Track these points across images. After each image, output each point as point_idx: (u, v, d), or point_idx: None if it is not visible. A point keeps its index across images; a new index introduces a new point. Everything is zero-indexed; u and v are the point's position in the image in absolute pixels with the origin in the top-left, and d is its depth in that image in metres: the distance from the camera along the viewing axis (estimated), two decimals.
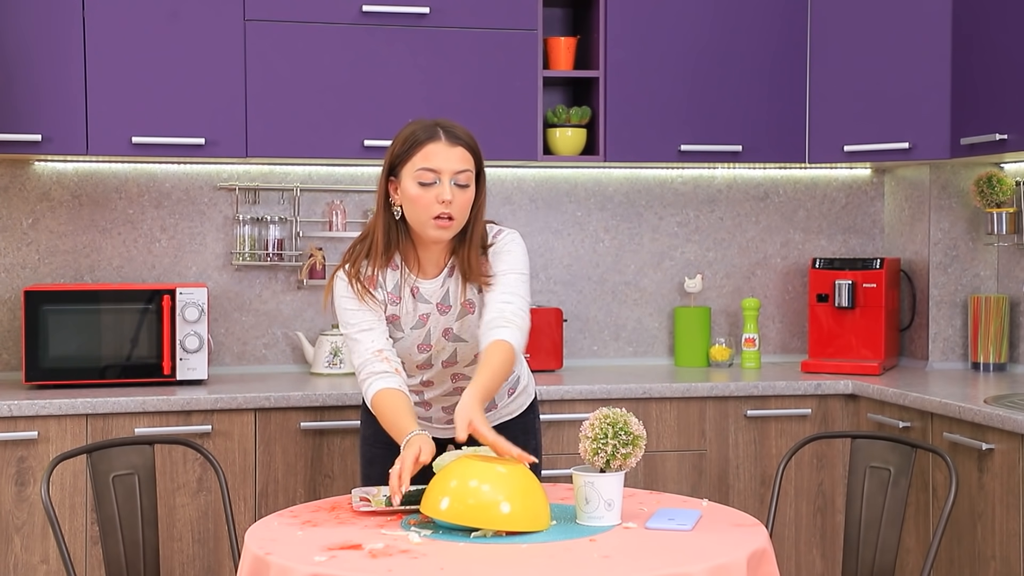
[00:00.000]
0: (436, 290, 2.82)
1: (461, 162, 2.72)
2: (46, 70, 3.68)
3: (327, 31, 3.84)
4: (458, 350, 2.86)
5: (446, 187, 2.69)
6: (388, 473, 2.89)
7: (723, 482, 3.86)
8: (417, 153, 2.71)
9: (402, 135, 2.76)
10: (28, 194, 4.01)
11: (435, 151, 2.70)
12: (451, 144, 2.72)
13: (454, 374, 2.91)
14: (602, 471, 2.44)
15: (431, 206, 2.70)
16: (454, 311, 2.83)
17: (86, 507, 3.46)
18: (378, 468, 2.96)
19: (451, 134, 2.73)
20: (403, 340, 2.84)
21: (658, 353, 4.45)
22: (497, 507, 2.33)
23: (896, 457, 2.96)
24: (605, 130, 4.05)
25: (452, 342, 2.85)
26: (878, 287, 4.20)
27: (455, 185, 2.70)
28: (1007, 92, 3.68)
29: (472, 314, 2.83)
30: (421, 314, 2.83)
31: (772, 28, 4.13)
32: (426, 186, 2.70)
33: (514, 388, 3.01)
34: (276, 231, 4.13)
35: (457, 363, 2.89)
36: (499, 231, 2.86)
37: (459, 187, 2.71)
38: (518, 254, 2.83)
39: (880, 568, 2.91)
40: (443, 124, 2.75)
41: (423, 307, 2.83)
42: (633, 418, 2.43)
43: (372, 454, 2.99)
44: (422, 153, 2.71)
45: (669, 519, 2.46)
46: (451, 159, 2.71)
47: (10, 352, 3.99)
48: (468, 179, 2.73)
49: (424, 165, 2.70)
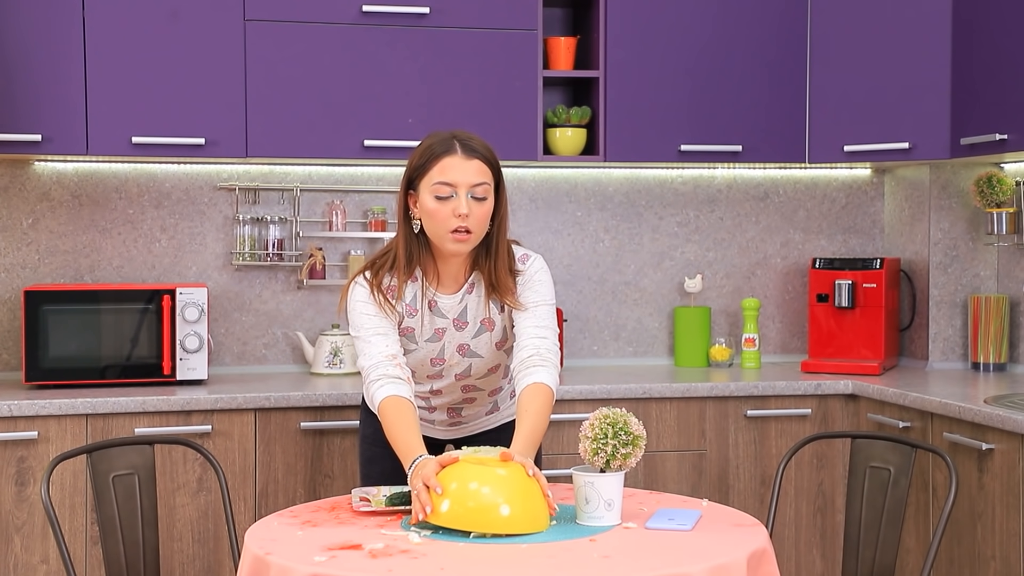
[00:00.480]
0: (454, 305, 2.81)
1: (478, 175, 2.70)
2: (46, 70, 3.68)
3: (327, 31, 3.84)
4: (472, 365, 2.86)
5: (463, 201, 2.68)
6: (388, 473, 2.91)
7: (723, 482, 3.86)
8: (434, 167, 2.70)
9: (420, 148, 2.75)
10: (28, 194, 4.01)
11: (451, 164, 2.69)
12: (467, 157, 2.70)
13: (465, 385, 2.91)
14: (602, 471, 2.44)
15: (448, 220, 2.69)
16: (472, 328, 2.82)
17: (86, 507, 3.46)
18: (377, 467, 2.96)
19: (467, 147, 2.71)
20: (416, 352, 2.83)
21: (658, 353, 4.45)
22: (497, 510, 2.33)
23: (896, 457, 2.96)
24: (605, 130, 4.05)
25: (467, 358, 2.84)
26: (878, 287, 4.20)
27: (472, 199, 2.69)
28: (1007, 92, 3.68)
29: (491, 331, 2.82)
30: (437, 328, 2.81)
31: (772, 28, 4.13)
32: (443, 200, 2.69)
33: (516, 391, 3.01)
34: (276, 231, 4.13)
35: (470, 376, 2.88)
36: (525, 255, 2.85)
37: (476, 200, 2.70)
38: (548, 284, 2.84)
39: (880, 568, 2.91)
40: (460, 136, 2.73)
41: (440, 321, 2.81)
42: (633, 418, 2.43)
43: (372, 453, 2.99)
44: (439, 167, 2.69)
45: (669, 519, 2.46)
46: (467, 172, 2.69)
47: (10, 352, 3.99)
48: (486, 192, 2.71)
49: (440, 179, 2.68)
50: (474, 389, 2.91)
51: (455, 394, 2.91)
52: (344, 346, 4.03)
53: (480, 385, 2.90)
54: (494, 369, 2.89)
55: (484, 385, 2.91)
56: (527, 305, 2.78)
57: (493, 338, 2.83)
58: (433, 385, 2.90)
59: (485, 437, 3.00)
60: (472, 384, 2.90)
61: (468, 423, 3.00)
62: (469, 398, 2.92)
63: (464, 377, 2.88)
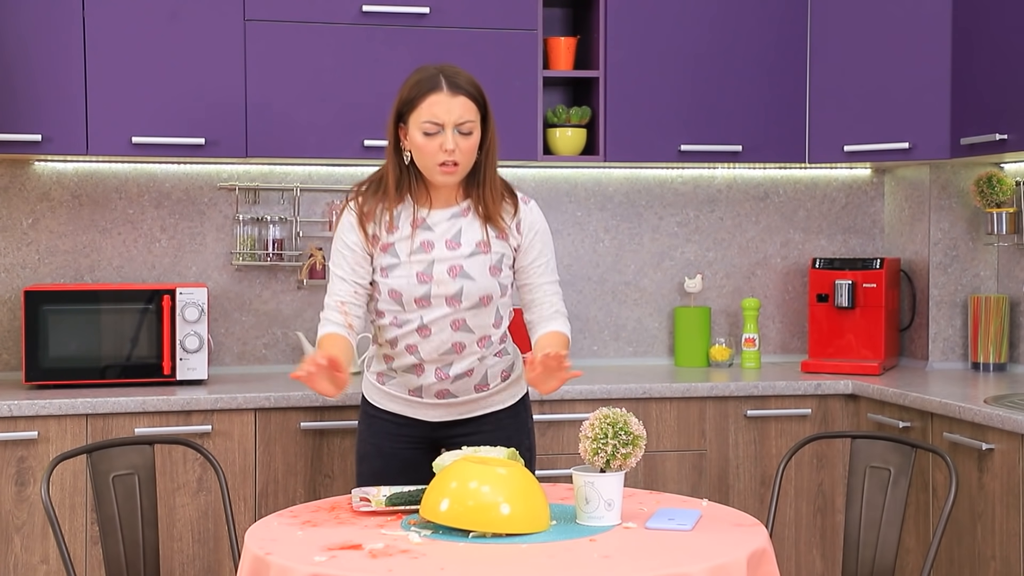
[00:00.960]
0: (443, 222, 2.89)
1: (464, 112, 2.82)
2: (46, 70, 3.68)
3: (327, 31, 3.84)
4: (464, 288, 2.88)
5: (449, 137, 2.81)
6: (377, 471, 2.99)
7: (723, 482, 3.86)
8: (422, 103, 2.83)
9: (408, 83, 2.87)
10: (28, 194, 4.01)
11: (437, 102, 2.81)
12: (453, 94, 2.82)
13: (455, 320, 2.89)
14: (602, 471, 2.44)
15: (436, 154, 2.83)
16: (465, 249, 2.89)
17: (86, 507, 3.46)
18: (367, 466, 3.02)
19: (453, 83, 2.83)
20: (400, 268, 2.88)
21: (658, 353, 4.45)
22: (497, 508, 2.33)
23: (896, 457, 2.96)
24: (605, 130, 4.05)
25: (460, 279, 2.87)
26: (878, 287, 4.20)
27: (459, 133, 2.82)
28: (1007, 92, 3.68)
29: (486, 254, 2.89)
30: (423, 240, 2.88)
31: (772, 28, 4.13)
32: (430, 135, 2.82)
33: (508, 372, 3.03)
34: (276, 231, 4.13)
35: (461, 303, 2.88)
36: (524, 198, 2.98)
37: (463, 135, 2.83)
38: (549, 232, 3.02)
39: (880, 568, 2.91)
40: (447, 72, 2.84)
41: (426, 235, 2.89)
42: (633, 418, 2.43)
43: (363, 451, 3.05)
44: (425, 104, 2.82)
45: (669, 519, 2.47)
46: (453, 110, 2.81)
47: (10, 352, 3.99)
48: (472, 127, 2.84)
49: (427, 117, 2.81)
50: (464, 327, 2.90)
51: (444, 333, 2.90)
52: None
53: (470, 323, 2.90)
54: (486, 301, 2.90)
55: (474, 325, 2.91)
56: (539, 259, 2.96)
57: (488, 261, 2.89)
58: (423, 317, 2.89)
59: (479, 435, 3.00)
60: (462, 318, 2.89)
61: (458, 398, 2.98)
62: (458, 341, 2.91)
63: (454, 304, 2.88)
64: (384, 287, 2.89)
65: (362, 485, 3.01)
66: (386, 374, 2.99)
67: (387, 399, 3.01)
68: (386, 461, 2.99)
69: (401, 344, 2.91)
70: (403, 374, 2.96)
